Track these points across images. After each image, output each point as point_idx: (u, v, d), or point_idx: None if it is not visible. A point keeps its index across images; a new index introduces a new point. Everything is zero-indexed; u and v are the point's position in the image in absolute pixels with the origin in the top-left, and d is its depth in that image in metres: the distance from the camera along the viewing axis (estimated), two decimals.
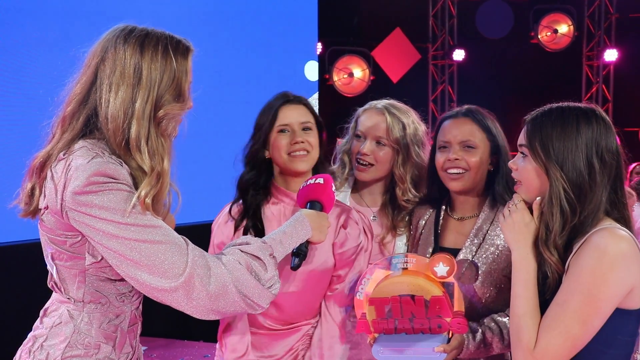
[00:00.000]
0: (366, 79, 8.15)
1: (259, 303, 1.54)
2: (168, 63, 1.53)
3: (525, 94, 7.95)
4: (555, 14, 8.19)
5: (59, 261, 1.55)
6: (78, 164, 1.45)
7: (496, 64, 8.22)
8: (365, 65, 8.15)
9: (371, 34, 8.36)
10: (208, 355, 4.73)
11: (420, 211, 2.24)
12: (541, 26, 8.17)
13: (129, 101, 1.50)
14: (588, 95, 8.45)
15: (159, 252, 1.44)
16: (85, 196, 1.41)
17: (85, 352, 1.54)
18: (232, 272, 1.50)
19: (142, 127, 1.50)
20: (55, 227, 1.50)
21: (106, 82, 1.50)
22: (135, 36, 1.52)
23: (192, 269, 1.45)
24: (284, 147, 2.01)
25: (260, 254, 1.56)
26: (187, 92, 1.58)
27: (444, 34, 8.81)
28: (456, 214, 2.13)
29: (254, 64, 5.40)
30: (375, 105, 2.33)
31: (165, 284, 1.44)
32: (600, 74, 8.47)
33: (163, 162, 1.52)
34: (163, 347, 4.92)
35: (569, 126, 1.58)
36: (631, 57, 8.18)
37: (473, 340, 1.90)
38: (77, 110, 1.53)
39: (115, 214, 1.42)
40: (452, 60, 8.75)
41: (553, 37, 8.20)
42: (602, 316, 1.51)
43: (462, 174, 2.04)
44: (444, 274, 1.83)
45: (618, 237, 1.51)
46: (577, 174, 1.55)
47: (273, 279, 1.57)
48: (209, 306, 1.48)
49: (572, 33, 8.18)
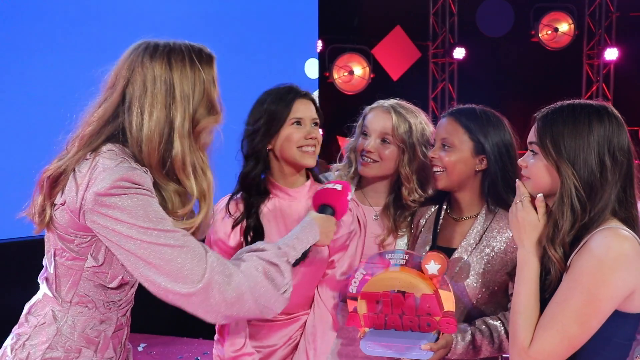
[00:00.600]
0: (366, 77, 8.14)
1: (273, 308, 1.55)
2: (197, 75, 1.51)
3: (526, 92, 7.94)
4: (555, 12, 8.18)
5: (60, 259, 1.54)
6: (106, 166, 1.43)
7: (496, 62, 8.21)
8: (366, 63, 8.14)
9: (371, 32, 8.35)
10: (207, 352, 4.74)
11: (422, 210, 2.25)
12: (542, 25, 8.16)
13: (164, 121, 1.47)
14: (588, 94, 8.44)
15: (179, 257, 1.43)
16: (108, 198, 1.40)
17: (65, 356, 1.53)
18: (249, 279, 1.50)
19: (184, 145, 1.48)
20: (67, 224, 1.49)
21: (137, 105, 1.47)
22: (160, 52, 1.49)
23: (211, 275, 1.45)
24: (297, 140, 2.01)
25: (277, 260, 1.58)
26: (218, 103, 1.56)
27: (445, 32, 8.80)
28: (455, 214, 2.13)
29: (254, 62, 5.40)
30: (382, 104, 2.34)
31: (183, 288, 1.44)
32: (601, 72, 8.45)
33: (206, 176, 1.53)
34: (162, 344, 4.92)
35: (580, 124, 1.56)
36: (632, 56, 8.16)
37: (462, 341, 1.90)
38: (97, 132, 1.50)
39: (137, 218, 1.41)
40: (452, 58, 8.74)
41: (553, 35, 8.19)
42: (600, 317, 1.50)
43: (441, 173, 2.06)
44: (435, 272, 1.83)
45: (621, 237, 1.49)
46: (588, 172, 1.53)
47: (288, 284, 1.58)
48: (224, 312, 1.49)
49: (572, 32, 8.17)
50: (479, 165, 2.04)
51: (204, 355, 4.72)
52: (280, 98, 2.04)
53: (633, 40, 8.10)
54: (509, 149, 2.04)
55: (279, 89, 2.07)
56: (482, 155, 2.04)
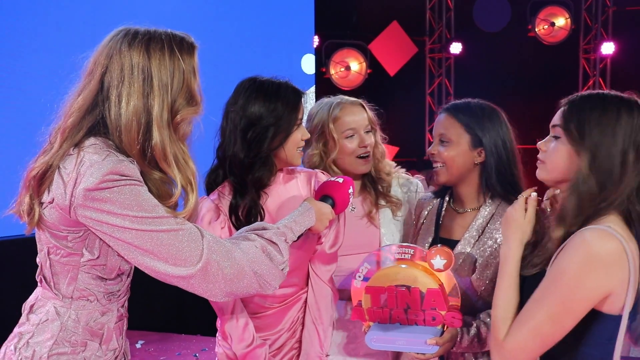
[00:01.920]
0: (363, 72, 8.14)
1: (271, 283, 1.59)
2: (176, 64, 1.49)
3: (523, 87, 7.95)
4: (552, 7, 8.18)
5: (54, 256, 1.54)
6: (93, 160, 1.42)
7: (493, 57, 8.21)
8: (362, 59, 8.14)
9: (368, 27, 8.34)
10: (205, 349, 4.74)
11: (425, 202, 2.27)
12: (538, 19, 8.16)
13: (142, 110, 1.46)
14: (585, 88, 8.44)
15: (176, 240, 1.45)
16: (98, 192, 1.40)
17: (72, 350, 1.54)
18: (247, 254, 1.54)
19: (163, 135, 1.47)
20: (58, 222, 1.48)
21: (114, 93, 1.46)
22: (139, 40, 1.47)
23: (209, 255, 1.47)
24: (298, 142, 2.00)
25: (276, 239, 1.62)
26: (198, 94, 1.55)
27: (441, 27, 8.80)
28: (458, 206, 2.15)
29: (250, 58, 5.39)
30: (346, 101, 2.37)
31: (183, 271, 1.46)
32: (597, 67, 8.46)
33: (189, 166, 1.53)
34: (159, 341, 4.92)
35: (609, 112, 1.53)
36: (628, 50, 8.17)
37: (467, 334, 1.91)
38: (78, 122, 1.49)
39: (130, 208, 1.42)
40: (449, 53, 8.74)
41: (550, 30, 8.19)
42: (574, 317, 1.49)
43: (441, 168, 2.08)
44: (441, 267, 1.84)
45: (606, 238, 1.46)
46: (610, 162, 1.51)
47: (285, 262, 1.63)
48: (225, 289, 1.51)
49: (569, 26, 8.17)
50: (478, 158, 2.06)
51: (202, 351, 4.72)
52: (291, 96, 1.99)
53: (629, 34, 8.10)
54: (506, 140, 2.06)
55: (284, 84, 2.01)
56: (480, 148, 2.06)
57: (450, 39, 8.75)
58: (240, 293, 1.55)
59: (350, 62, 8.15)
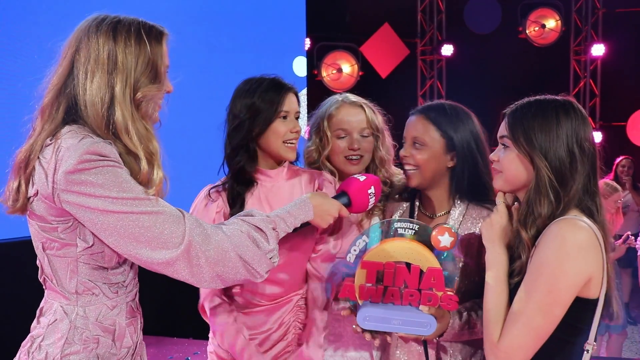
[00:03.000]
0: (355, 75, 8.15)
1: (259, 270, 1.58)
2: (142, 48, 1.55)
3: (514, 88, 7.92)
4: (542, 9, 8.22)
5: (50, 251, 1.54)
6: (69, 144, 1.45)
7: (484, 59, 8.24)
8: (354, 61, 8.15)
9: (360, 30, 8.35)
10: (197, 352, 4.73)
11: (393, 205, 2.24)
12: (529, 21, 8.19)
13: (106, 86, 1.51)
14: (576, 90, 8.49)
15: (157, 222, 1.46)
16: (78, 174, 1.42)
17: (84, 347, 1.53)
18: (232, 238, 1.54)
19: (125, 110, 1.51)
20: (46, 213, 1.49)
21: (82, 70, 1.52)
22: (107, 24, 1.54)
23: (190, 236, 1.48)
24: (284, 133, 2.05)
25: (262, 225, 1.61)
26: (164, 75, 1.60)
27: (432, 29, 8.82)
28: (428, 211, 2.12)
29: (242, 60, 5.39)
30: (346, 100, 2.36)
31: (166, 255, 1.46)
32: (588, 68, 8.50)
33: (152, 144, 1.54)
34: (153, 344, 4.90)
35: (549, 117, 1.64)
36: (618, 52, 8.22)
37: (459, 319, 1.90)
38: (55, 100, 1.54)
39: (110, 190, 1.43)
40: (440, 55, 8.77)
41: (541, 32, 8.23)
42: (562, 305, 1.55)
43: (414, 171, 2.06)
44: (447, 244, 1.82)
45: (576, 227, 1.56)
46: (559, 162, 1.61)
47: (273, 251, 1.61)
48: (210, 272, 1.51)
49: (559, 28, 8.21)
50: (450, 162, 2.04)
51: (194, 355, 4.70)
52: (271, 90, 2.06)
53: (619, 36, 8.16)
54: (479, 143, 2.04)
55: (266, 80, 2.09)
56: (453, 152, 2.03)
57: (441, 41, 8.78)
58: (228, 278, 1.54)
59: (342, 65, 8.15)
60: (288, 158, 2.09)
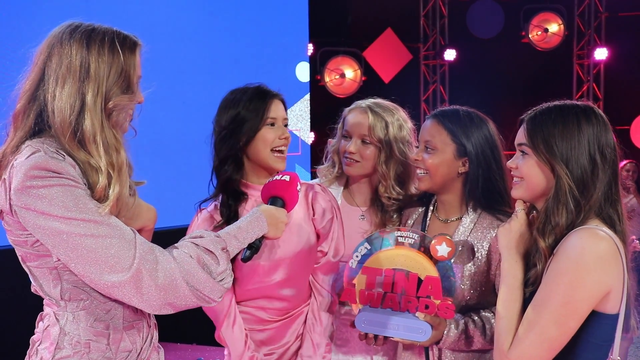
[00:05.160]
0: (358, 80, 8.15)
1: (210, 296, 1.52)
2: (115, 57, 1.53)
3: (517, 93, 7.98)
4: (545, 13, 8.22)
5: (29, 262, 1.54)
6: (18, 162, 1.44)
7: (487, 63, 8.24)
8: (357, 66, 8.15)
9: (362, 35, 8.36)
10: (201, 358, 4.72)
11: (409, 210, 2.26)
12: (532, 25, 8.20)
13: (76, 94, 1.49)
14: (579, 94, 8.48)
15: (106, 246, 1.42)
16: (27, 192, 1.40)
17: (74, 352, 1.53)
18: (181, 265, 1.48)
19: (95, 119, 1.49)
20: (14, 228, 1.49)
21: (53, 77, 1.50)
22: (80, 31, 1.53)
23: (140, 263, 1.43)
24: (272, 140, 2.03)
25: (212, 247, 1.55)
26: (136, 86, 1.59)
27: (435, 34, 8.83)
28: (442, 215, 2.13)
29: (245, 66, 5.40)
30: (360, 105, 2.37)
31: (114, 278, 1.42)
32: (591, 72, 8.50)
33: (119, 154, 1.51)
34: None
35: (570, 123, 1.59)
36: (621, 55, 8.21)
37: (455, 329, 1.90)
38: (26, 107, 1.53)
39: (57, 208, 1.40)
40: (443, 60, 8.77)
41: (543, 36, 8.23)
42: (578, 318, 1.51)
43: (424, 175, 2.06)
44: (445, 254, 1.84)
45: (597, 238, 1.51)
46: (581, 170, 1.56)
47: (225, 272, 1.55)
48: (159, 300, 1.46)
49: (562, 32, 8.21)
50: (462, 167, 2.04)
51: None
52: (256, 98, 2.05)
53: (622, 39, 8.15)
54: (493, 150, 2.03)
55: (251, 89, 2.08)
56: (465, 158, 2.03)
57: (444, 45, 8.78)
58: (179, 305, 1.50)
59: (345, 70, 8.16)
60: (277, 168, 2.03)
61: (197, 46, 5.19)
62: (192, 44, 5.15)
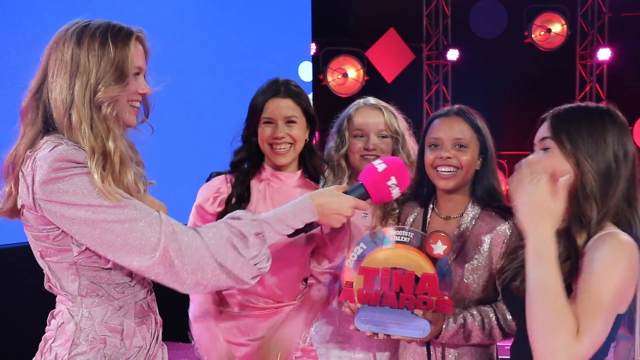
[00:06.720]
0: (360, 79, 8.14)
1: (242, 277, 1.54)
2: (106, 50, 1.56)
3: (520, 93, 7.96)
4: (548, 13, 8.20)
5: (48, 258, 1.55)
6: (42, 155, 1.47)
7: (490, 63, 8.22)
8: (360, 66, 8.15)
9: (365, 34, 8.35)
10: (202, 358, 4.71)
11: (408, 209, 2.26)
12: (535, 25, 8.18)
13: (67, 88, 1.53)
14: (582, 94, 8.47)
15: (132, 230, 1.45)
16: (52, 184, 1.43)
17: (90, 348, 1.54)
18: (209, 244, 1.50)
19: (82, 112, 1.52)
20: (35, 223, 1.51)
21: (51, 73, 1.56)
22: (75, 28, 1.58)
23: (166, 242, 1.46)
24: (267, 138, 2.10)
25: (245, 230, 1.56)
26: (131, 76, 1.60)
27: (438, 33, 8.82)
28: (442, 213, 2.14)
29: (247, 65, 5.39)
30: (366, 103, 2.43)
31: (144, 261, 1.45)
32: (594, 72, 8.48)
33: (107, 143, 1.52)
34: None
35: (595, 121, 1.61)
36: (624, 56, 8.19)
37: (454, 323, 1.92)
38: (31, 103, 1.57)
39: (84, 197, 1.43)
40: (446, 60, 8.75)
41: (546, 36, 8.21)
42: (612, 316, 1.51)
43: (453, 173, 2.06)
44: (441, 252, 1.86)
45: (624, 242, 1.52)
46: (606, 165, 1.57)
47: (257, 257, 1.56)
48: (190, 279, 1.49)
49: (565, 32, 8.19)
50: (478, 165, 2.08)
51: None
52: (260, 94, 2.15)
53: (625, 40, 8.13)
54: (494, 148, 2.11)
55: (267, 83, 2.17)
56: (482, 155, 2.07)
57: (447, 45, 8.76)
58: (211, 285, 1.52)
59: (348, 69, 8.15)
60: (276, 162, 2.12)
61: (199, 45, 5.19)
62: (195, 44, 5.15)
